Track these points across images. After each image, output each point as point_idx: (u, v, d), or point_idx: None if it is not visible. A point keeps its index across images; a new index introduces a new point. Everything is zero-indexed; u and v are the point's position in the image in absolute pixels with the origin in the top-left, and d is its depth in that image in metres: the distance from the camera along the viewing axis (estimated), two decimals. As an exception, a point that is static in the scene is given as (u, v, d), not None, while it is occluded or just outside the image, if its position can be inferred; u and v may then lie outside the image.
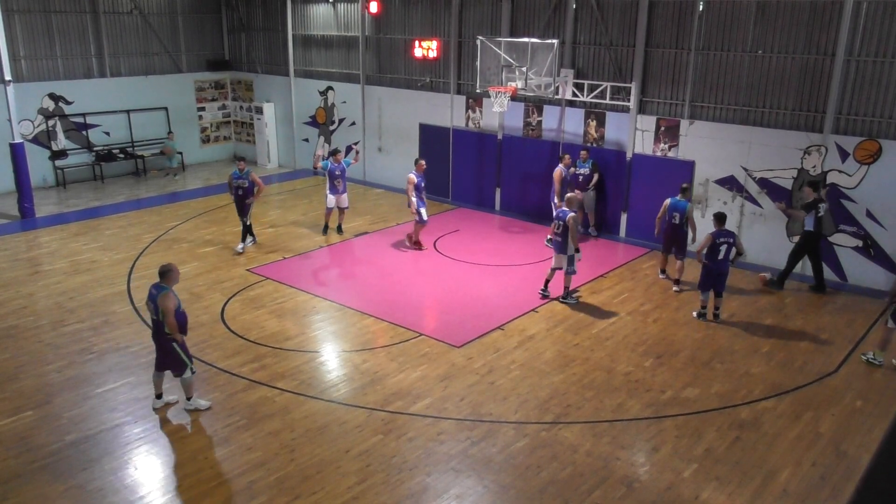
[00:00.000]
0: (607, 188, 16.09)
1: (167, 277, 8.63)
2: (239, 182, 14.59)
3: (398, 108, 19.55)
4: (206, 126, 23.49)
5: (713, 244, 11.51)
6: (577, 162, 15.59)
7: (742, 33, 13.82)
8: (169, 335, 8.63)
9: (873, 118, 12.77)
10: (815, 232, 12.80)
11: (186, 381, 8.94)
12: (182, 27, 22.45)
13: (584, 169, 15.58)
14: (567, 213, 11.96)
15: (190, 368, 8.87)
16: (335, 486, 7.65)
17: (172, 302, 8.53)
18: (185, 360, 8.81)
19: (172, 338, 8.64)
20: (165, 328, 8.59)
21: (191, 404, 9.01)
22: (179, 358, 8.77)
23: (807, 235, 12.92)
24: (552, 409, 9.13)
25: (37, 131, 19.55)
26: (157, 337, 8.79)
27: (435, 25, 18.33)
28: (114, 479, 7.74)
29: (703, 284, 11.81)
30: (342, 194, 15.60)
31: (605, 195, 16.14)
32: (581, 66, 16.05)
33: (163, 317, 8.52)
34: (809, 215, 12.69)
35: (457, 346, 10.79)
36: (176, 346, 8.71)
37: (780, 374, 10.11)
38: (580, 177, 15.55)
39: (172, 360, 8.81)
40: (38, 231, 16.14)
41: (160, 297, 8.50)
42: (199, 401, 9.08)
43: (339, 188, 15.50)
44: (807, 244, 12.97)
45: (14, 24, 18.74)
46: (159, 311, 8.53)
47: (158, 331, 8.72)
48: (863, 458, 8.24)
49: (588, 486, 7.71)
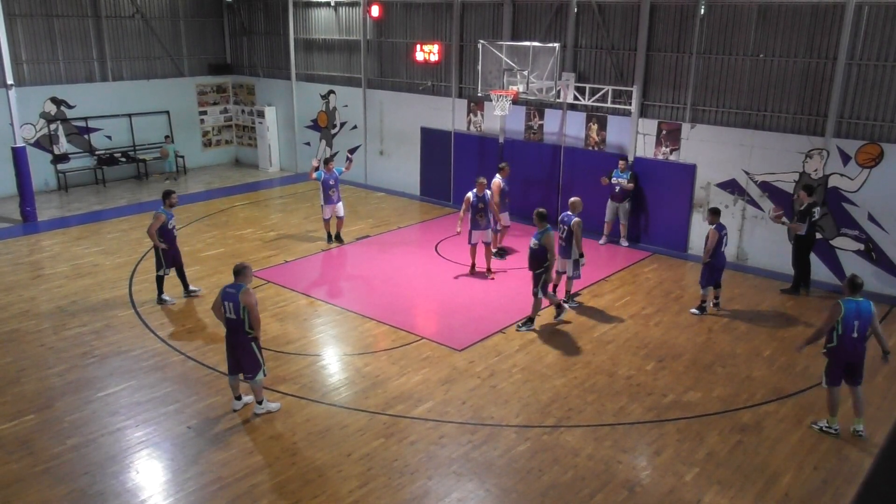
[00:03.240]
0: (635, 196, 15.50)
1: (243, 275, 8.67)
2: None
3: (400, 111, 19.57)
4: (207, 130, 23.52)
5: (719, 239, 11.70)
6: (616, 171, 15.21)
7: (743, 37, 13.83)
8: (250, 334, 8.61)
9: (875, 122, 12.77)
10: (806, 236, 12.79)
11: (258, 383, 8.89)
12: (184, 31, 22.49)
13: (622, 178, 15.17)
14: (572, 218, 11.85)
15: (263, 370, 8.86)
16: (337, 489, 7.65)
17: (254, 298, 8.57)
18: (261, 361, 8.81)
19: (254, 336, 8.63)
20: (246, 326, 8.57)
21: (262, 408, 8.97)
22: (256, 358, 8.76)
23: (799, 240, 12.92)
24: (554, 413, 9.12)
25: (39, 135, 19.58)
26: (235, 337, 8.72)
27: (436, 29, 18.36)
28: (115, 483, 7.74)
29: (708, 280, 11.98)
30: (337, 204, 15.23)
31: (641, 206, 15.62)
32: (582, 69, 16.06)
33: (246, 313, 8.50)
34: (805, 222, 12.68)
35: (458, 349, 10.79)
36: (254, 346, 8.70)
37: (781, 378, 10.10)
38: (618, 187, 15.18)
39: (249, 361, 8.75)
40: (40, 235, 16.16)
41: (242, 293, 8.49)
42: (269, 404, 9.06)
43: (334, 198, 15.13)
44: (801, 248, 12.97)
45: (16, 28, 18.78)
46: (239, 310, 8.51)
47: (236, 331, 8.67)
48: (864, 462, 8.23)
49: (590, 489, 7.70)
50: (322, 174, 15.05)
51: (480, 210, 13.28)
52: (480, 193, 13.31)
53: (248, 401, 9.14)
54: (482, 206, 13.28)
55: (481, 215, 13.29)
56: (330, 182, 15.02)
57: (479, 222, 13.36)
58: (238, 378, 8.96)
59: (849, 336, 8.42)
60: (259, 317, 8.61)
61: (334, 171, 15.18)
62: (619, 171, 15.24)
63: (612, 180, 15.22)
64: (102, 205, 18.60)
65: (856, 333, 8.42)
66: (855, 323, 8.39)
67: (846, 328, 8.41)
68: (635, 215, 15.67)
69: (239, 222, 17.16)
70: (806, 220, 12.64)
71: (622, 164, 15.28)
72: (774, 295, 13.06)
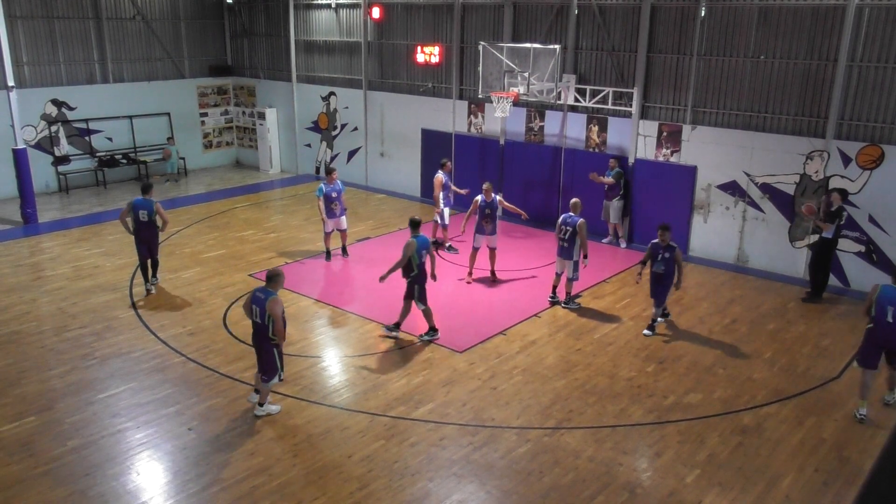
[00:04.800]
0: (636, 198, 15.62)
1: (275, 282, 8.69)
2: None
3: (400, 113, 19.58)
4: (208, 132, 23.53)
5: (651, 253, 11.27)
6: (607, 171, 15.39)
7: (744, 38, 13.84)
8: (273, 340, 8.66)
9: (876, 123, 12.77)
10: (833, 240, 12.66)
11: (269, 386, 8.96)
12: (185, 33, 22.51)
13: (608, 178, 15.29)
14: (576, 220, 11.88)
15: (279, 375, 8.91)
16: (337, 491, 7.65)
17: (281, 307, 8.60)
18: (279, 367, 8.85)
19: (276, 343, 8.68)
20: (270, 333, 8.62)
21: (263, 410, 9.02)
22: (274, 363, 8.81)
23: (825, 243, 12.72)
24: (554, 415, 9.12)
25: (39, 137, 19.59)
26: (258, 340, 8.81)
27: (437, 31, 18.37)
28: (116, 485, 7.74)
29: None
30: (340, 217, 14.24)
31: (632, 205, 15.69)
32: (583, 71, 16.07)
33: (269, 321, 8.55)
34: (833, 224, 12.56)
35: (459, 351, 10.79)
36: (275, 351, 8.75)
37: (782, 380, 10.09)
38: (606, 186, 15.35)
39: (267, 363, 8.83)
40: (41, 237, 16.16)
41: (269, 301, 8.52)
42: (270, 406, 9.10)
43: (337, 211, 14.07)
44: (823, 252, 12.77)
45: (17, 29, 18.80)
46: (265, 316, 8.56)
47: (260, 334, 8.74)
48: (865, 463, 8.23)
49: (590, 491, 7.69)
50: (323, 189, 13.94)
51: (487, 215, 13.17)
52: (489, 199, 13.19)
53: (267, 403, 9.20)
54: (489, 212, 13.16)
55: (487, 220, 13.18)
56: (332, 195, 13.95)
57: (485, 227, 13.24)
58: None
59: (883, 319, 8.71)
60: (283, 327, 8.63)
61: (337, 183, 14.15)
62: (608, 169, 15.42)
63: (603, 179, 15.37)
64: (103, 206, 18.60)
65: (890, 318, 8.68)
66: (889, 308, 8.67)
67: (880, 311, 8.74)
68: (636, 217, 15.67)
69: (240, 224, 17.16)
70: (835, 221, 12.50)
71: (612, 162, 15.45)
72: (775, 296, 13.06)
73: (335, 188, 14.08)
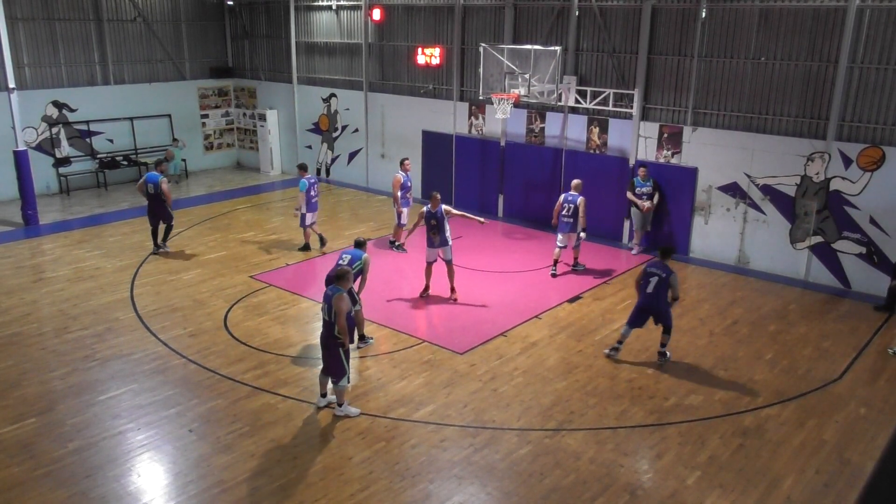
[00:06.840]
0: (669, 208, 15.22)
1: (343, 280, 8.77)
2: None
3: (401, 114, 19.58)
4: (209, 133, 23.55)
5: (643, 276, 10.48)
6: (636, 180, 14.90)
7: (745, 40, 13.84)
8: (338, 338, 8.67)
9: (876, 125, 12.77)
10: None
11: (341, 388, 8.95)
12: (185, 34, 22.53)
13: (645, 188, 14.84)
14: (577, 197, 13.46)
15: (347, 377, 8.91)
16: (338, 493, 7.65)
17: (346, 304, 8.62)
18: (346, 368, 8.84)
19: (341, 342, 8.69)
20: (336, 330, 8.63)
21: (341, 411, 9.03)
22: (341, 364, 8.80)
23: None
24: (555, 416, 9.11)
25: (40, 139, 19.60)
26: (326, 338, 8.83)
27: (438, 32, 18.38)
28: (117, 487, 7.74)
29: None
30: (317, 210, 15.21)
31: (663, 215, 15.29)
32: (584, 72, 16.07)
33: (335, 318, 8.57)
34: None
35: (459, 352, 10.78)
36: (341, 352, 8.75)
37: (783, 381, 10.09)
38: (643, 196, 14.87)
39: (334, 365, 8.83)
40: (42, 238, 16.17)
41: (335, 298, 8.56)
42: (349, 408, 9.09)
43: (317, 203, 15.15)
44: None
45: (18, 31, 18.81)
46: (331, 313, 8.60)
47: (328, 333, 8.77)
48: (866, 465, 8.21)
49: (591, 493, 7.69)
50: (305, 183, 14.63)
51: (433, 227, 12.18)
52: (434, 209, 12.19)
53: (331, 399, 9.19)
54: (434, 223, 12.17)
55: (434, 232, 12.19)
56: (312, 192, 14.82)
57: (433, 240, 12.29)
58: (326, 378, 9.08)
59: None
60: (345, 324, 8.61)
61: (309, 175, 14.91)
62: (639, 179, 14.90)
63: (637, 191, 14.84)
64: (104, 208, 18.60)
65: None
66: None
67: None
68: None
69: (241, 225, 17.17)
70: None
71: (642, 171, 14.90)
72: (775, 298, 13.05)
73: (312, 179, 15.02)
